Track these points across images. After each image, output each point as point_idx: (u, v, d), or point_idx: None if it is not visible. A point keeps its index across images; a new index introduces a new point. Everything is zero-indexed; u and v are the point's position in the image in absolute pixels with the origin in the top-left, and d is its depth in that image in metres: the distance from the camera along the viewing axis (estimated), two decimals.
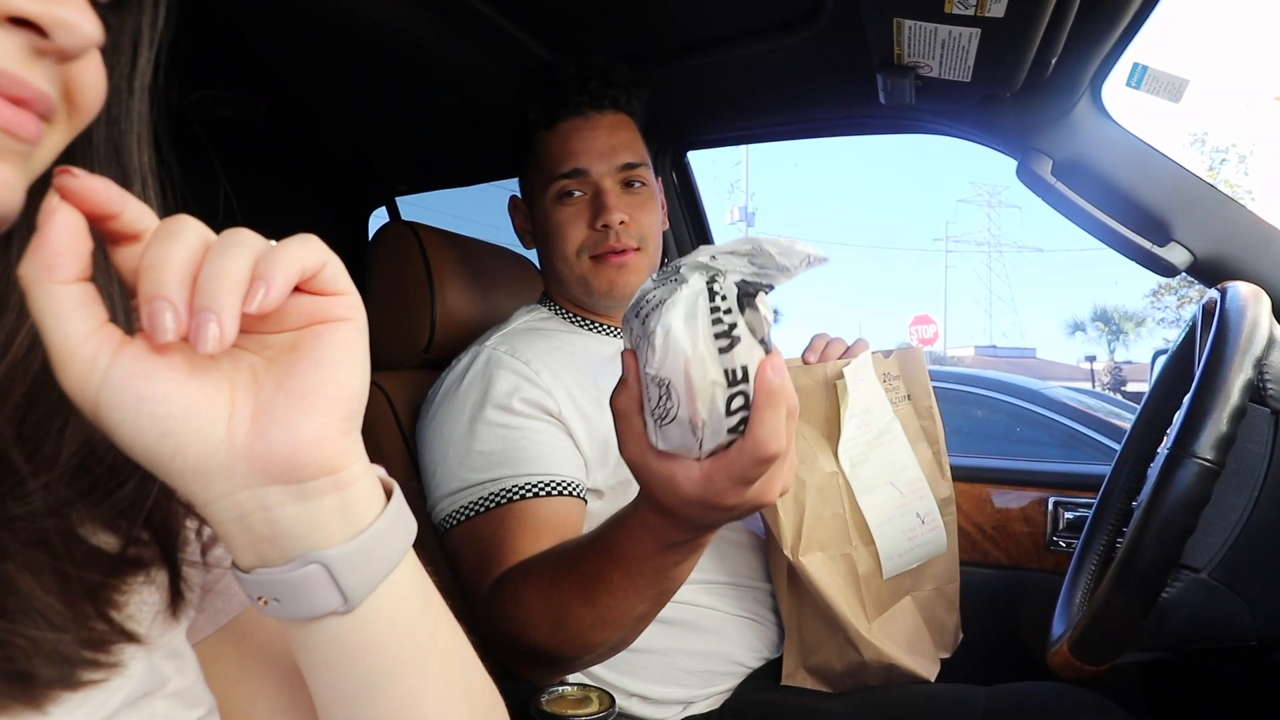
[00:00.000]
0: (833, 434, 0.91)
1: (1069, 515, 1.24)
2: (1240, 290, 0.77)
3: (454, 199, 1.78)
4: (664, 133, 1.37)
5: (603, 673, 0.91)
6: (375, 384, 1.04)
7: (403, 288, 1.09)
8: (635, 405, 0.50)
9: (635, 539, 0.58)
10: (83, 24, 0.28)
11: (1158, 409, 0.94)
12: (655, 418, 0.47)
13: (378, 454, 1.03)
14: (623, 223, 0.97)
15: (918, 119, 1.15)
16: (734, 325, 0.43)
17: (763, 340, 0.44)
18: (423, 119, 1.42)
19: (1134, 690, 1.08)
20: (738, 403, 0.44)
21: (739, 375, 0.43)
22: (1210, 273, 0.99)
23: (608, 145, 0.98)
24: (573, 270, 1.00)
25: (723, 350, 0.43)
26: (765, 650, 0.99)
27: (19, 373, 0.31)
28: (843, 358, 0.93)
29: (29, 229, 0.28)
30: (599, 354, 1.01)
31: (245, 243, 0.29)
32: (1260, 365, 0.69)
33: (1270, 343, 0.71)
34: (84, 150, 0.35)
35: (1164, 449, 0.72)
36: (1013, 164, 1.09)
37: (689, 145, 1.42)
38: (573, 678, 0.87)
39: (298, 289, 0.30)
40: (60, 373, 0.27)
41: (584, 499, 0.88)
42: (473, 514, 0.85)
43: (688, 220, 1.49)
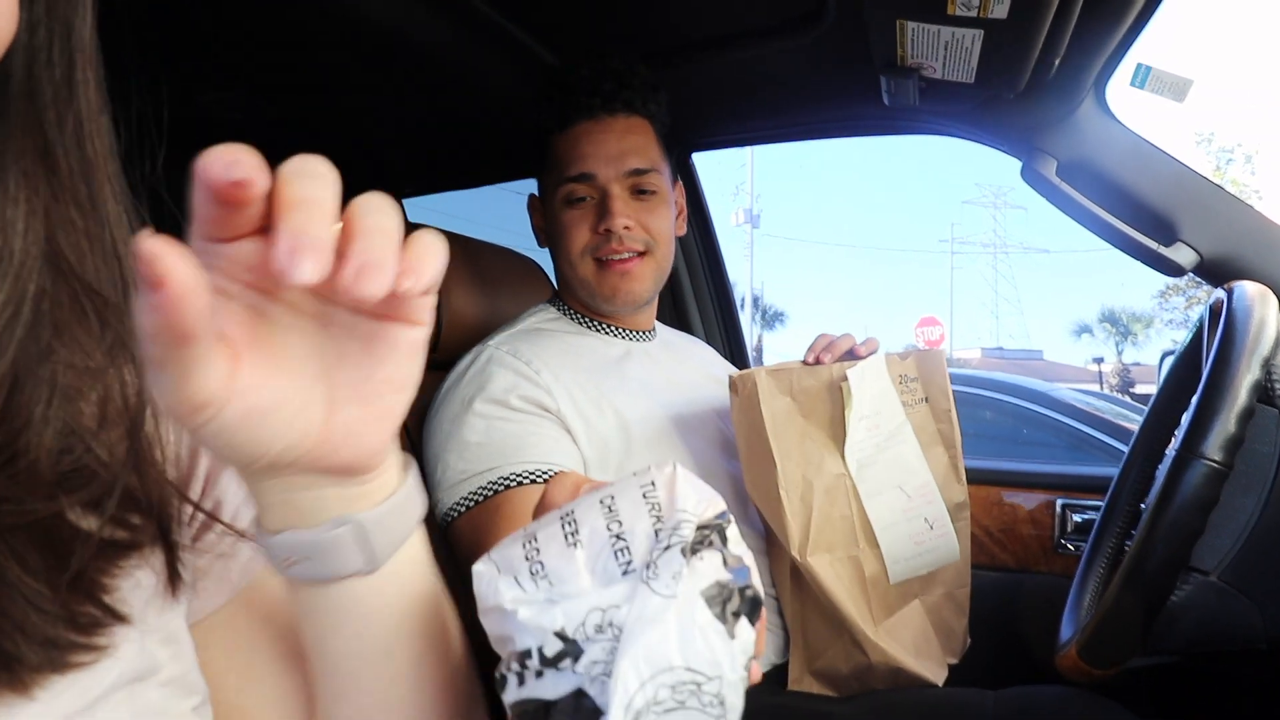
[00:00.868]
0: (839, 436, 0.90)
1: (1077, 518, 1.23)
2: (1247, 290, 0.77)
3: (458, 200, 1.78)
4: (668, 135, 1.38)
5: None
6: None
7: None
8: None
9: None
10: None
11: (1165, 410, 0.94)
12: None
13: None
14: (627, 228, 0.97)
15: (922, 120, 1.15)
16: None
17: None
18: (429, 122, 1.42)
19: (1142, 694, 1.08)
20: None
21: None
22: (1217, 273, 0.98)
23: (617, 149, 0.98)
24: (577, 272, 1.01)
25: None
26: (770, 655, 0.99)
27: None
28: (853, 357, 0.93)
29: None
30: (605, 355, 1.01)
31: (394, 209, 0.27)
32: (1268, 365, 0.69)
33: (1278, 343, 0.71)
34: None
35: (1172, 450, 0.71)
36: (1018, 165, 1.09)
37: (693, 147, 1.43)
38: None
39: None
40: (178, 415, 0.25)
41: None
42: (471, 505, 0.85)
43: (693, 223, 1.49)
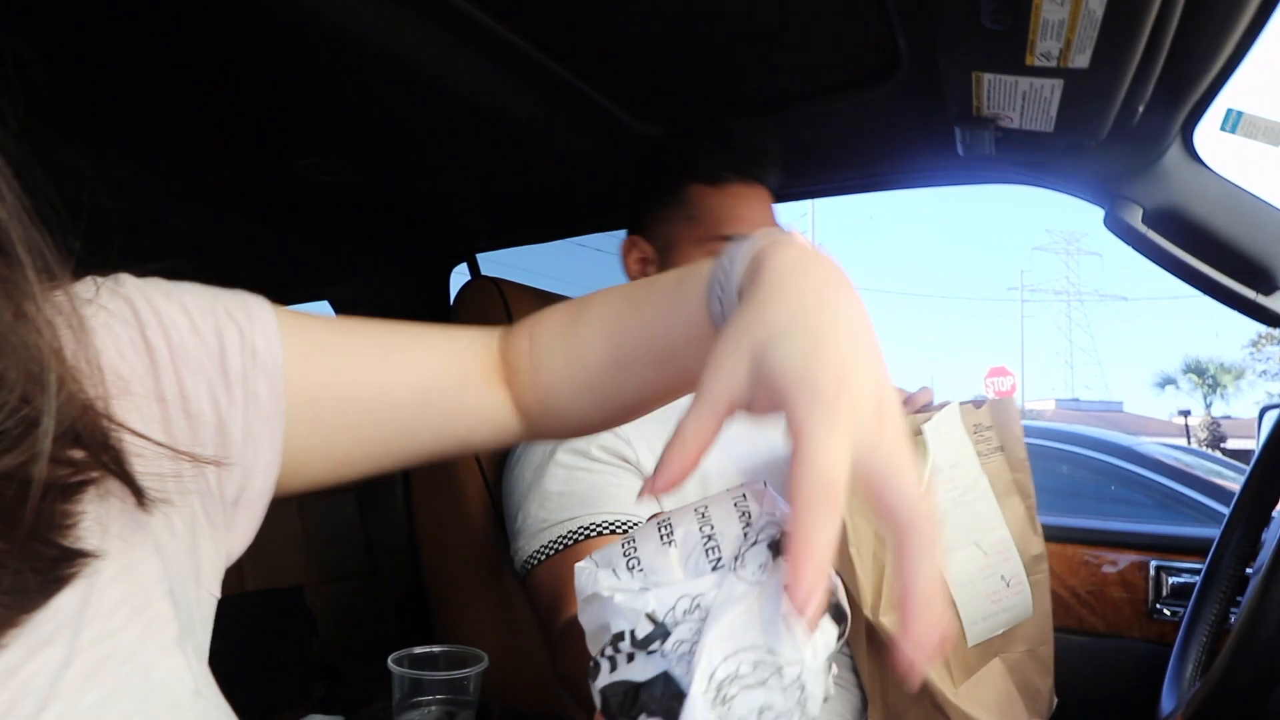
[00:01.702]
0: None
1: (1173, 581, 1.17)
2: None
3: (529, 255, 1.84)
4: None
5: None
6: None
7: None
8: None
9: None
10: None
11: (1270, 469, 0.89)
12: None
13: (461, 503, 1.06)
14: None
15: (998, 169, 1.14)
16: None
17: None
18: (504, 179, 1.48)
19: None
20: None
21: None
22: None
23: (763, 220, 1.01)
24: None
25: None
26: (849, 715, 0.95)
27: None
28: (906, 407, 0.92)
29: None
30: (684, 407, 1.02)
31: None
32: None
33: None
34: None
35: None
36: (1090, 209, 1.07)
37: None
38: None
39: None
40: None
41: None
42: (550, 554, 0.86)
43: None
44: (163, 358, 0.37)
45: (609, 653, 0.31)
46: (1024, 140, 0.95)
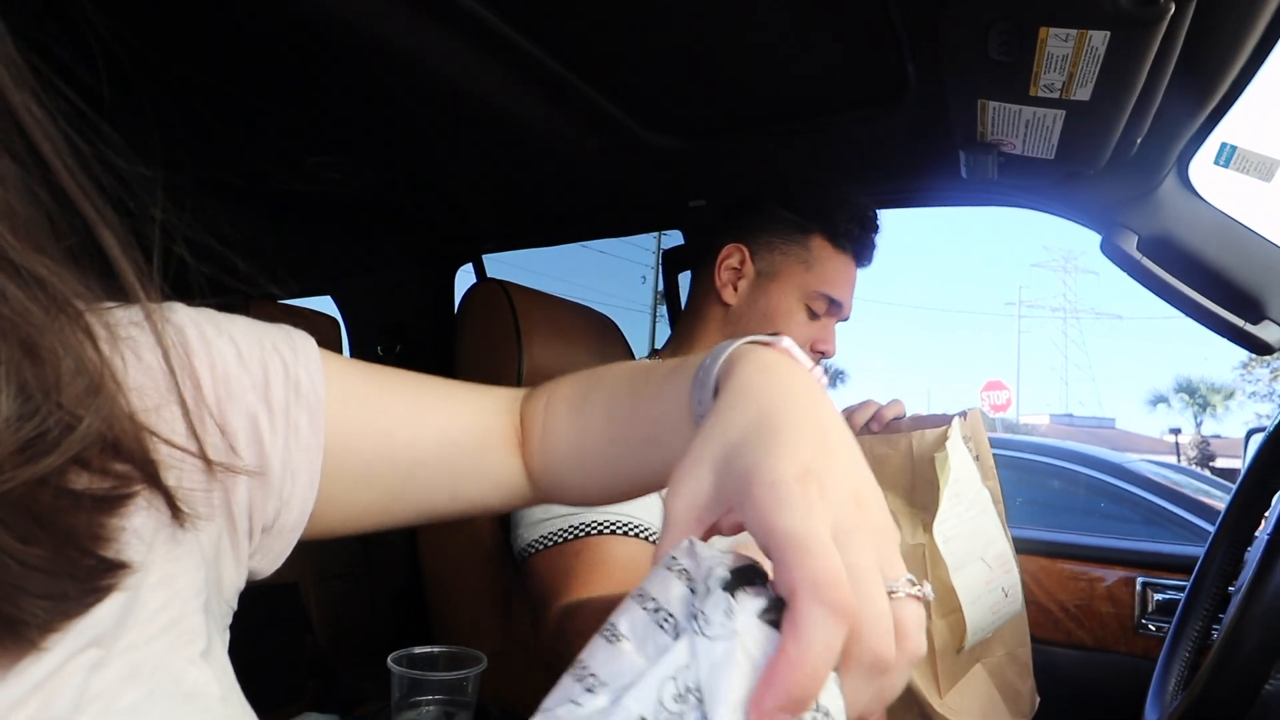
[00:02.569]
0: (917, 504, 0.90)
1: (1159, 597, 1.19)
2: None
3: (535, 256, 1.86)
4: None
5: None
6: None
7: (492, 342, 1.15)
8: None
9: None
10: None
11: (1254, 490, 0.91)
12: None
13: None
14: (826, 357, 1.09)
15: (999, 192, 1.17)
16: None
17: None
18: (513, 182, 1.50)
19: None
20: None
21: None
22: None
23: (851, 297, 1.12)
24: None
25: None
26: None
27: None
28: (874, 421, 0.95)
29: None
30: None
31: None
32: None
33: None
34: None
35: (1264, 533, 0.70)
36: (1090, 231, 1.09)
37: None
38: None
39: None
40: None
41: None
42: (549, 544, 0.89)
43: None
44: (208, 386, 0.38)
45: None
46: (1025, 166, 0.97)
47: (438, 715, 0.86)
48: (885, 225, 1.16)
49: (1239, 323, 0.98)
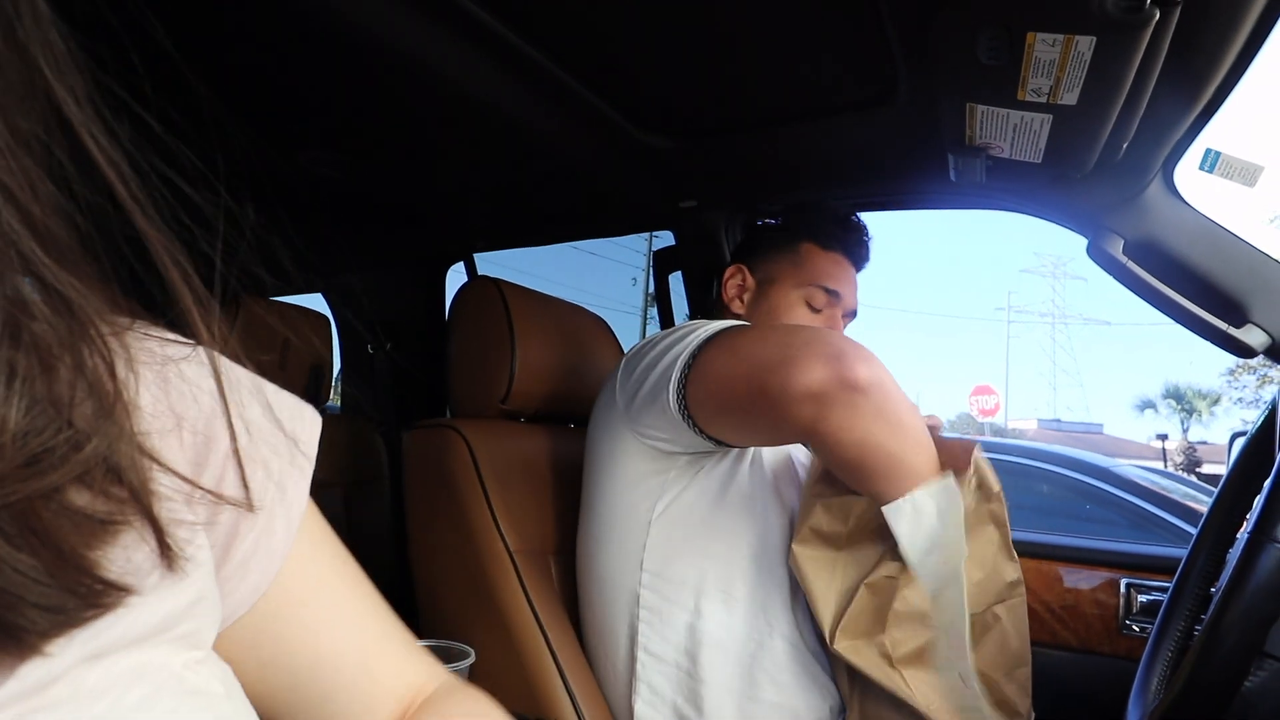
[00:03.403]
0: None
1: (1143, 599, 1.20)
2: None
3: (524, 256, 1.86)
4: (736, 199, 1.43)
5: (684, 706, 0.96)
6: (456, 431, 1.09)
7: (485, 340, 1.15)
8: None
9: None
10: None
11: (1237, 492, 0.92)
12: None
13: (456, 499, 1.08)
14: None
15: (988, 196, 1.18)
16: None
17: None
18: (506, 182, 1.50)
19: None
20: None
21: None
22: None
23: (852, 291, 1.18)
24: None
25: None
26: (827, 716, 0.98)
27: None
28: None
29: None
30: None
31: None
32: None
33: None
34: None
35: (1244, 534, 0.71)
36: (1078, 236, 1.11)
37: (764, 215, 1.47)
38: None
39: None
40: None
41: None
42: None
43: None
44: (209, 448, 0.37)
45: None
46: (1013, 170, 0.98)
47: None
48: (876, 229, 1.21)
49: (1223, 326, 1.00)
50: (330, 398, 2.03)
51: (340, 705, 0.46)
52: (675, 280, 1.59)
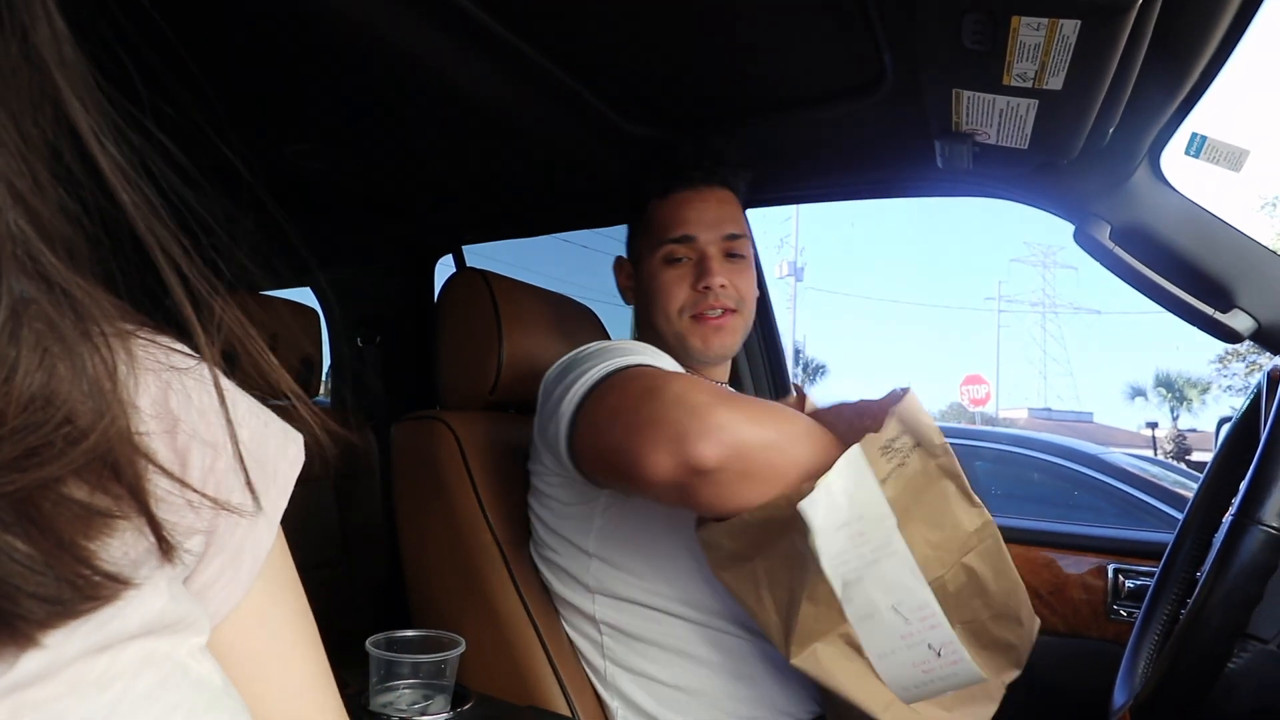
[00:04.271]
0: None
1: (1130, 584, 1.21)
2: None
3: (515, 248, 1.85)
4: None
5: (654, 708, 0.94)
6: (444, 423, 1.08)
7: (472, 331, 1.14)
8: None
9: None
10: None
11: (1222, 477, 0.93)
12: None
13: (444, 490, 1.08)
14: (723, 286, 1.05)
15: (975, 183, 1.18)
16: None
17: None
18: (493, 173, 1.50)
19: None
20: None
21: None
22: (1275, 339, 0.98)
23: (715, 217, 1.08)
24: (672, 327, 1.07)
25: None
26: (812, 704, 0.98)
27: None
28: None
29: None
30: None
31: None
32: None
33: None
34: None
35: (1229, 517, 0.71)
36: (1068, 226, 1.11)
37: (749, 204, 1.47)
38: None
39: None
40: None
41: None
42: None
43: None
44: (202, 455, 0.37)
45: None
46: (1000, 156, 0.98)
47: (414, 698, 0.86)
48: (865, 219, 1.16)
49: (1209, 311, 1.00)
50: (321, 391, 2.02)
51: None
52: None
